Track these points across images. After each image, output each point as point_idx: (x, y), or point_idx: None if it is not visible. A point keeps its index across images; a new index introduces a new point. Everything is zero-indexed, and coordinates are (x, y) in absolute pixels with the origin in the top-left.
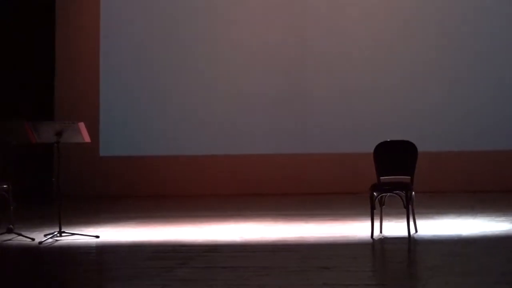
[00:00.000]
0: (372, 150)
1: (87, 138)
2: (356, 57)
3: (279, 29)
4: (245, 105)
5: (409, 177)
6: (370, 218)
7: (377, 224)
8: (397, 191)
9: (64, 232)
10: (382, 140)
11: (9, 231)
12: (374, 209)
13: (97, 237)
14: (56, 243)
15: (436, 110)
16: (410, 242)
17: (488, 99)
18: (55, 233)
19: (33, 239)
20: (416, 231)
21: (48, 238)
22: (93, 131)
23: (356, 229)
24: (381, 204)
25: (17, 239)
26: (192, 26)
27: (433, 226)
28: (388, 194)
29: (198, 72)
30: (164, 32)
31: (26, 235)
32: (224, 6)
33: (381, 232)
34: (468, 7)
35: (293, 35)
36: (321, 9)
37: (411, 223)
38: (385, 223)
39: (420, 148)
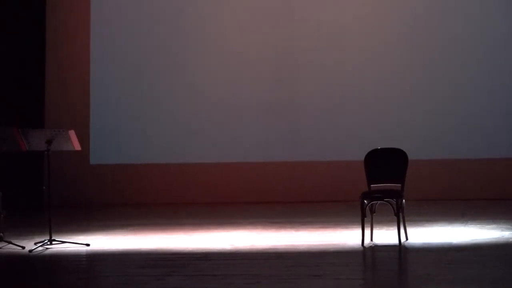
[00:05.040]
0: (363, 158)
1: (77, 146)
2: (347, 65)
3: (271, 38)
4: (236, 113)
5: (399, 184)
6: (360, 226)
7: (367, 232)
8: (387, 199)
9: (54, 240)
10: (372, 148)
11: None
12: (364, 216)
13: (88, 245)
14: (47, 251)
15: (426, 118)
16: (400, 250)
17: (478, 108)
18: (46, 241)
19: (23, 247)
20: (407, 239)
21: (39, 246)
22: (84, 139)
23: (346, 237)
24: (372, 211)
25: (7, 247)
26: (184, 34)
27: (424, 234)
28: (379, 201)
29: (189, 80)
30: (156, 41)
31: (16, 243)
32: (215, 14)
33: (371, 240)
34: (459, 16)
35: (284, 44)
36: (312, 19)
37: (402, 231)
38: (376, 231)
39: (410, 156)
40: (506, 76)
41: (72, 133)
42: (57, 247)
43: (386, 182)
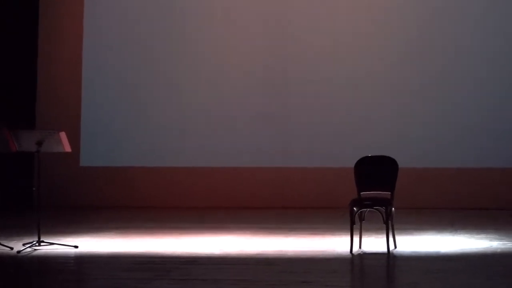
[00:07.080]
0: (353, 165)
1: (67, 148)
2: (337, 72)
3: (262, 45)
4: (228, 118)
5: (389, 192)
6: (349, 233)
7: (356, 239)
8: (377, 207)
9: (43, 241)
10: (363, 155)
11: None
12: (354, 224)
13: (76, 247)
14: (35, 253)
15: (417, 126)
16: (389, 258)
17: (469, 117)
18: (34, 242)
19: (11, 248)
20: (396, 247)
21: (27, 247)
22: (74, 141)
23: (335, 244)
24: (361, 219)
25: None
26: (176, 39)
27: (413, 242)
28: (368, 209)
29: (182, 84)
30: (149, 45)
31: (4, 244)
32: (209, 22)
33: (360, 247)
34: (455, 21)
35: (276, 51)
36: (303, 27)
37: (391, 239)
38: (365, 239)
39: (400, 164)
40: (500, 87)
41: (63, 135)
42: (45, 249)
43: (376, 189)
